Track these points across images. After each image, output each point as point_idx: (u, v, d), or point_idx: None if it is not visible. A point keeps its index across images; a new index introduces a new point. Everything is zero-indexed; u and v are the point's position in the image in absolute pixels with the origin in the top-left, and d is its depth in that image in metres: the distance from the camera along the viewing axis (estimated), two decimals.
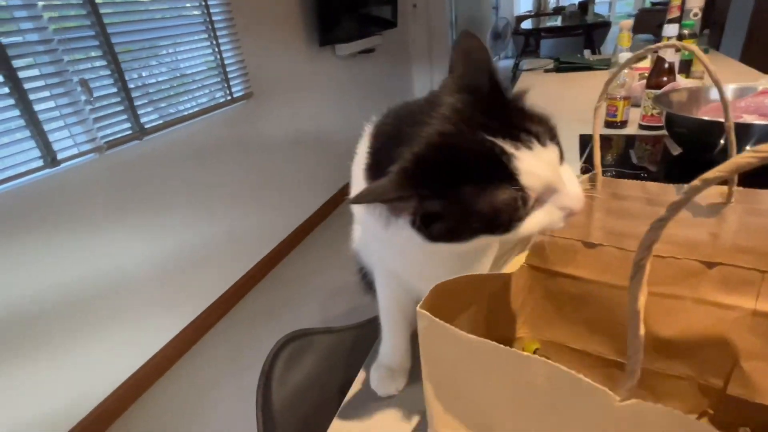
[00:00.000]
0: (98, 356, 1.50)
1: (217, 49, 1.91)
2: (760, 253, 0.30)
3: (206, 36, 1.86)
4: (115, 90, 1.51)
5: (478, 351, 0.22)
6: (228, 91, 2.00)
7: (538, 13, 6.67)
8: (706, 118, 0.86)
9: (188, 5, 1.78)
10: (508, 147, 0.32)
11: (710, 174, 0.16)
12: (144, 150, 1.64)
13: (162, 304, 1.74)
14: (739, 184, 0.34)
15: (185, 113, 1.79)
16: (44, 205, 1.34)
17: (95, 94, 1.45)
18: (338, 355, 0.81)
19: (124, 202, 1.58)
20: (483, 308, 0.35)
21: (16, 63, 1.24)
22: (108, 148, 1.50)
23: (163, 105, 1.70)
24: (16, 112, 1.25)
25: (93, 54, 1.44)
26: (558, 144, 0.36)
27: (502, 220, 0.32)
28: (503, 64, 6.49)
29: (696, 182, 0.16)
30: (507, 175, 0.32)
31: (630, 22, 1.36)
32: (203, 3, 1.82)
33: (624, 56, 1.10)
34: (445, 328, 0.23)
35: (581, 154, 1.04)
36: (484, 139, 0.32)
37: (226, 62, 1.96)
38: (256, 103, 2.17)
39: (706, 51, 1.45)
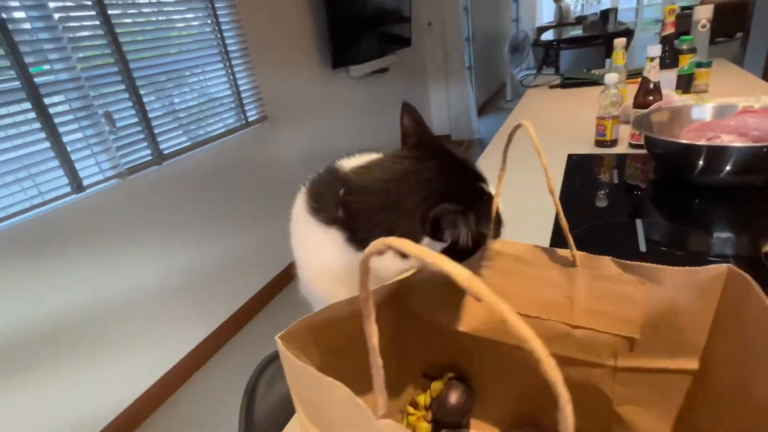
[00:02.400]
0: (116, 370, 1.60)
1: (232, 77, 2.03)
2: (609, 317, 0.32)
3: (222, 65, 1.99)
4: (136, 120, 1.64)
5: (305, 376, 0.27)
6: (243, 116, 2.11)
7: (560, 24, 6.63)
8: (683, 141, 0.87)
9: (205, 38, 1.91)
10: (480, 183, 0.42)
11: None
12: (163, 174, 1.76)
13: (178, 320, 1.84)
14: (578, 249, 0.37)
15: (201, 138, 1.91)
16: (71, 228, 1.46)
17: (118, 125, 1.58)
18: None
19: (144, 223, 1.70)
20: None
21: (48, 100, 1.38)
22: (129, 173, 1.62)
23: (180, 132, 1.82)
24: (47, 144, 1.38)
25: (116, 88, 1.57)
26: None
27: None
28: (523, 75, 6.46)
29: None
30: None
31: (623, 40, 1.36)
32: (219, 35, 1.94)
33: (610, 77, 1.11)
34: (287, 357, 0.28)
35: (564, 175, 1.05)
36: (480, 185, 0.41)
37: (240, 88, 2.08)
38: (270, 126, 2.28)
39: (708, 64, 1.43)
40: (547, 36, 5.73)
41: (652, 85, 1.07)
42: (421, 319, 0.42)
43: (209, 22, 1.92)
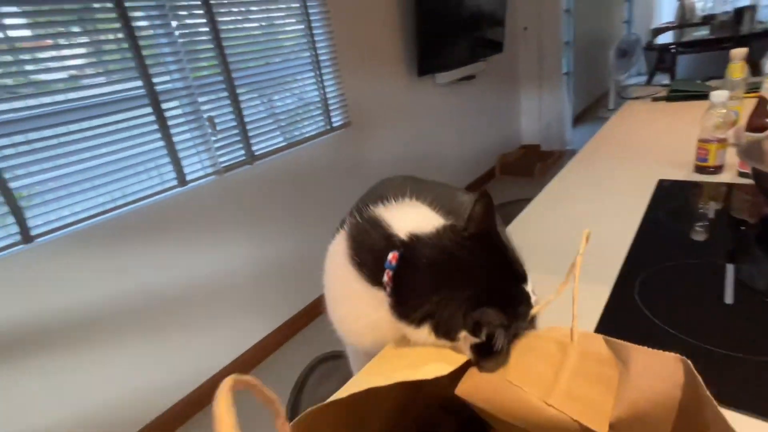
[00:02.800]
0: (195, 347, 1.80)
1: (321, 84, 2.15)
2: (585, 403, 0.29)
3: (312, 73, 2.12)
4: (234, 123, 1.82)
5: None
6: (328, 121, 2.23)
7: (682, 24, 5.91)
8: None
9: (299, 47, 2.05)
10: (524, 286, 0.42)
11: None
12: (254, 173, 1.93)
13: (255, 307, 2.01)
14: None
15: (289, 141, 2.06)
16: (174, 216, 1.67)
17: (218, 127, 1.77)
18: None
19: (235, 216, 1.88)
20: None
21: (165, 105, 1.60)
22: (225, 171, 1.81)
23: (271, 135, 1.98)
24: (162, 143, 1.60)
25: (219, 95, 1.76)
26: None
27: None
28: (632, 81, 5.89)
29: None
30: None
31: (743, 50, 1.18)
32: (312, 44, 2.08)
33: (718, 95, 0.97)
34: None
35: (649, 204, 0.95)
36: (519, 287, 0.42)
37: (327, 95, 2.19)
38: (354, 131, 2.37)
39: None
40: (665, 38, 5.16)
41: None
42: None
43: (304, 32, 2.06)
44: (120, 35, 1.47)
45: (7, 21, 1.30)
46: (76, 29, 1.42)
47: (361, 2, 2.32)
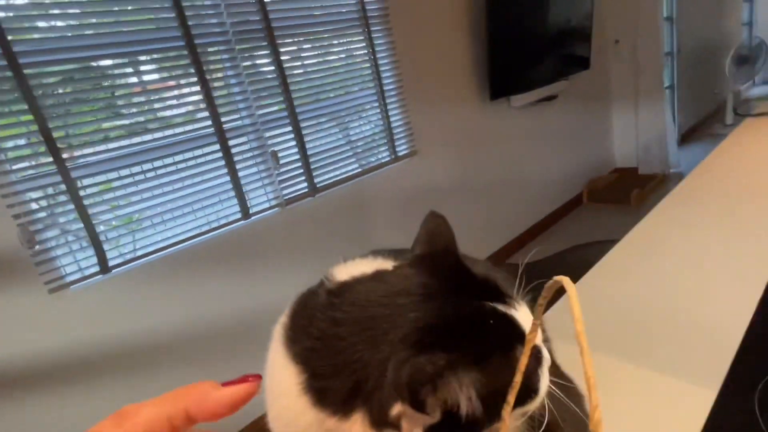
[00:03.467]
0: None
1: (385, 115, 2.12)
2: None
3: (377, 104, 2.09)
4: (297, 157, 1.85)
5: None
6: (393, 151, 2.18)
7: None
8: None
9: (363, 80, 2.04)
10: (505, 309, 0.28)
11: None
12: (316, 205, 1.93)
13: None
14: None
15: (353, 173, 2.04)
16: (238, 248, 1.71)
17: (282, 161, 1.80)
18: None
19: (298, 247, 1.88)
20: None
21: (232, 142, 1.66)
22: (287, 203, 1.83)
23: (333, 167, 1.97)
24: (227, 178, 1.67)
25: (283, 130, 1.80)
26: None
27: (531, 385, 0.29)
28: (756, 91, 5.05)
29: None
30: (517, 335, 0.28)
31: None
32: (375, 74, 2.06)
33: None
34: None
35: None
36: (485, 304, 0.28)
37: (393, 125, 2.15)
38: (420, 160, 2.29)
39: None
40: None
41: None
42: None
43: (369, 63, 2.05)
44: (193, 79, 1.57)
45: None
46: (160, 75, 1.55)
47: (426, 27, 2.27)
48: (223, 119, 1.63)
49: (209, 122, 1.61)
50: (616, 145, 3.76)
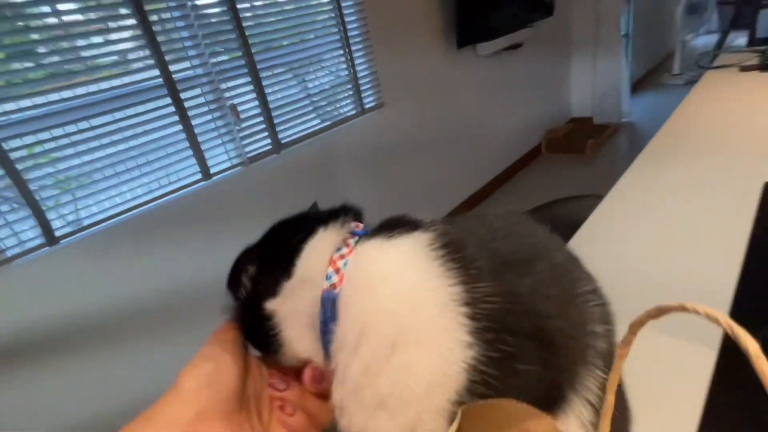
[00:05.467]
0: None
1: (351, 64, 1.99)
2: None
3: (341, 52, 1.95)
4: (258, 111, 1.71)
5: None
6: (359, 104, 2.07)
7: None
8: None
9: (326, 24, 1.88)
10: None
11: None
12: (281, 163, 1.82)
13: None
14: None
15: (319, 127, 1.92)
16: (199, 211, 1.60)
17: (242, 116, 1.66)
18: None
19: (262, 208, 1.79)
20: None
21: (184, 94, 1.50)
22: (251, 161, 1.71)
23: (298, 122, 1.85)
24: (183, 136, 1.52)
25: (241, 81, 1.65)
26: None
27: None
28: (703, 40, 5.25)
29: None
30: None
31: None
32: (340, 20, 1.90)
33: None
34: None
35: (757, 216, 0.74)
36: None
37: (358, 75, 2.03)
38: (388, 112, 2.20)
39: None
40: None
41: None
42: None
43: (331, 8, 1.88)
44: (131, 21, 1.37)
45: None
46: (89, 16, 1.33)
47: None
48: (171, 68, 1.45)
49: (156, 71, 1.43)
50: (573, 94, 3.81)
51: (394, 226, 0.32)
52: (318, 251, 0.32)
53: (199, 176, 1.58)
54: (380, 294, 0.28)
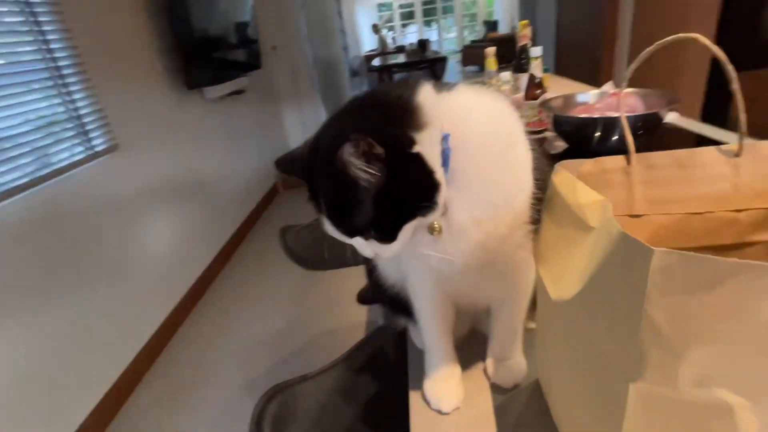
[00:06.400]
0: None
1: (68, 98, 1.63)
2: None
3: (52, 83, 1.58)
4: None
5: None
6: (89, 145, 1.71)
7: (383, 52, 7.34)
8: (584, 116, 1.05)
9: (23, 50, 1.50)
10: None
11: None
12: None
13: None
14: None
15: (36, 175, 1.47)
16: None
17: None
18: (330, 397, 0.73)
19: None
20: None
21: None
22: None
23: (7, 166, 1.37)
24: None
25: None
26: None
27: None
28: None
29: None
30: None
31: (493, 49, 1.59)
32: (45, 48, 1.55)
33: (504, 75, 1.29)
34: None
35: None
36: None
37: (80, 113, 1.68)
38: (124, 155, 1.90)
39: (547, 70, 1.77)
40: (376, 62, 6.28)
41: (537, 80, 1.27)
42: None
43: (28, 29, 1.51)
44: None
45: None
46: None
47: (103, 14, 1.88)
48: None
49: None
50: (290, 138, 4.29)
51: (435, 84, 0.43)
52: (429, 101, 0.40)
53: None
54: (489, 116, 0.41)
